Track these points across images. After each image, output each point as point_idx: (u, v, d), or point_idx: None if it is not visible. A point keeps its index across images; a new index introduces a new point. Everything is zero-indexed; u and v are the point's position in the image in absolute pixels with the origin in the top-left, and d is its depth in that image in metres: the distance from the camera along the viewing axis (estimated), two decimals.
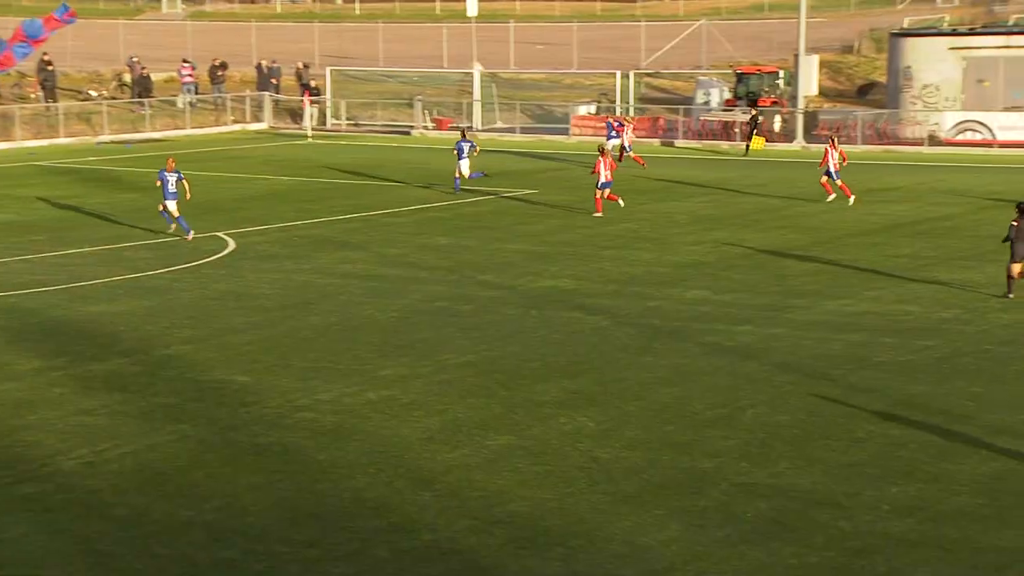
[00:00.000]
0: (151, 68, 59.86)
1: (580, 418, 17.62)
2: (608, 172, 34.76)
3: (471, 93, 59.50)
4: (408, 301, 24.66)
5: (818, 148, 51.45)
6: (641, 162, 43.80)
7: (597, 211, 34.79)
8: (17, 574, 12.90)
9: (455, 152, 39.05)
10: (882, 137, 52.38)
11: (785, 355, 20.88)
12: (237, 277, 26.92)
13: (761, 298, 25.03)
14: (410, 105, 59.50)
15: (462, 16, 70.54)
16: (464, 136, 40.04)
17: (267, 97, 60.49)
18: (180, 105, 58.96)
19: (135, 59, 60.35)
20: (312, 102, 59.09)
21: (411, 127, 58.32)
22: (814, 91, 56.92)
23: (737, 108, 54.86)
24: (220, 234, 31.84)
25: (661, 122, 56.29)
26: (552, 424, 17.38)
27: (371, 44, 72.71)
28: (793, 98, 54.41)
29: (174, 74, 61.50)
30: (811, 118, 54.19)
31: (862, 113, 54.12)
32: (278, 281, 26.52)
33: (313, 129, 57.68)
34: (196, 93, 59.94)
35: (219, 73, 60.49)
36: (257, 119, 60.08)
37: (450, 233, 32.30)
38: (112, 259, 28.72)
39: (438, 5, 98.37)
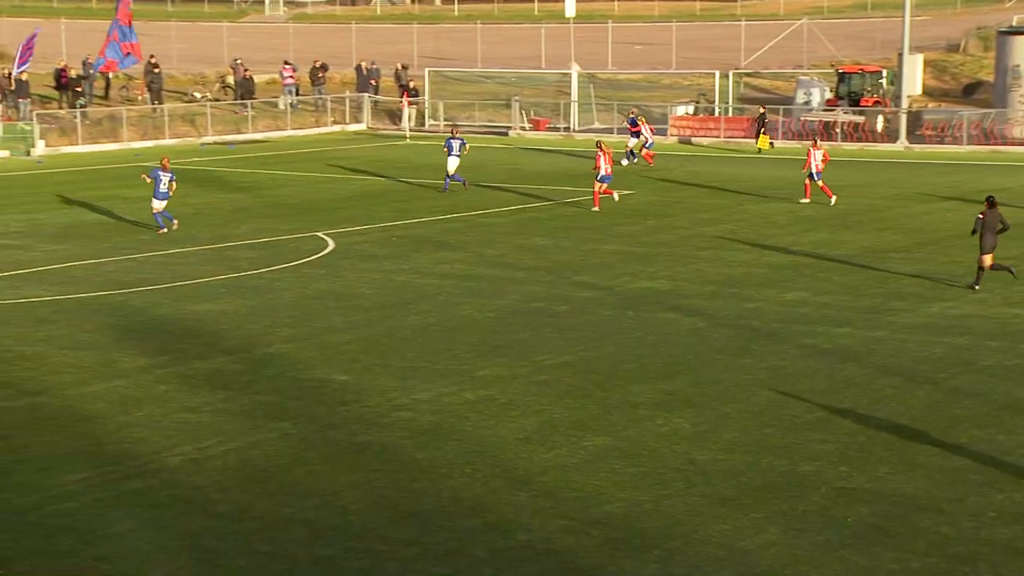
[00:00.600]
0: (254, 70, 60.68)
1: (676, 420, 17.55)
2: (608, 167, 35.63)
3: (568, 94, 59.48)
4: (506, 301, 24.74)
5: (921, 148, 50.75)
6: (649, 161, 45.49)
7: (595, 206, 35.62)
8: (125, 568, 13.17)
9: (445, 149, 39.66)
10: (989, 137, 51.43)
11: (886, 358, 20.60)
12: (337, 277, 27.20)
13: (862, 300, 24.73)
14: (507, 106, 59.64)
15: (560, 17, 70.57)
16: (454, 133, 40.58)
17: (366, 98, 61.00)
18: (281, 106, 59.68)
19: (238, 61, 61.19)
20: (410, 103, 59.48)
21: (508, 128, 58.46)
22: (918, 91, 56.08)
23: (839, 108, 54.24)
24: (320, 234, 32.19)
25: None
26: (648, 425, 17.34)
27: (469, 45, 72.99)
28: (896, 98, 53.65)
29: (276, 76, 62.29)
30: (915, 118, 53.39)
31: (968, 113, 53.20)
32: (377, 281, 26.75)
33: (411, 130, 58.05)
34: (297, 95, 60.64)
35: (320, 75, 61.13)
36: (356, 120, 60.61)
37: (547, 234, 32.33)
38: (215, 258, 29.17)
39: (536, 6, 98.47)
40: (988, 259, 25.09)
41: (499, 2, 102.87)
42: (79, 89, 53.25)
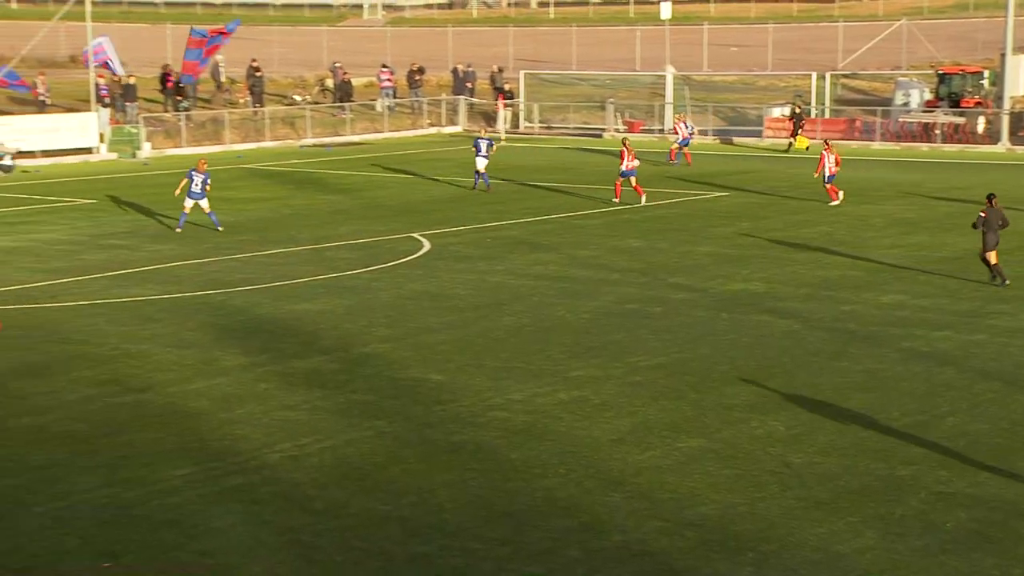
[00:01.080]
0: (352, 73, 61.20)
1: (771, 422, 17.40)
2: (633, 162, 36.69)
3: (663, 95, 59.23)
4: (600, 303, 24.70)
5: (1023, 150, 49.72)
6: (672, 157, 46.64)
7: (615, 197, 37.07)
8: (227, 562, 13.36)
9: (473, 148, 40.35)
10: None
11: (986, 362, 20.24)
12: (432, 277, 27.34)
13: (961, 303, 24.32)
14: (602, 108, 59.54)
15: (655, 19, 70.24)
16: (482, 134, 41.00)
17: (462, 101, 61.24)
18: (379, 109, 60.12)
19: (337, 65, 61.77)
20: (506, 105, 59.61)
21: (603, 129, 58.35)
22: (1021, 92, 55.01)
23: (939, 109, 53.39)
24: (416, 235, 32.38)
25: (858, 124, 55.12)
26: (743, 428, 17.20)
27: (564, 47, 72.97)
28: (999, 99, 52.66)
29: (373, 79, 62.76)
30: (1017, 119, 52.37)
31: None
32: (471, 282, 26.85)
33: (506, 132, 58.17)
34: (394, 97, 61.05)
35: (416, 78, 61.49)
36: (452, 122, 60.88)
37: (641, 235, 32.22)
38: (314, 259, 29.46)
39: (632, 8, 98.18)
40: (993, 256, 25.36)
41: (594, 5, 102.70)
42: (181, 95, 54.03)
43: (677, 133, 47.73)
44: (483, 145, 40.11)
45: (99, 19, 54.96)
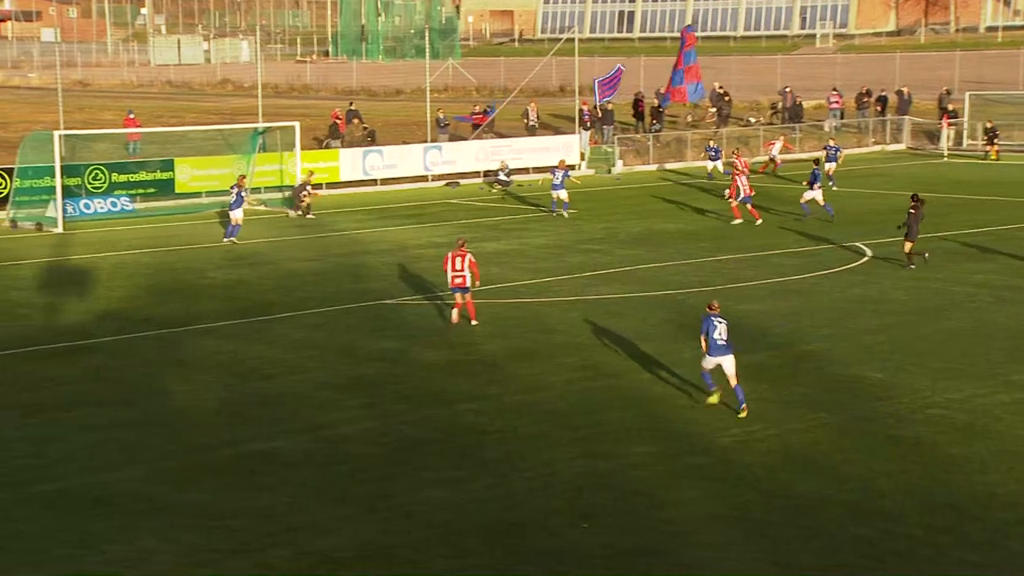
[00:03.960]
0: (802, 97, 60.24)
1: None
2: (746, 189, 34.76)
3: None
4: None
5: None
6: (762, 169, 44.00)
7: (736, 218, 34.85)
8: (686, 530, 13.55)
9: (550, 176, 37.56)
10: None
11: None
12: (873, 283, 26.51)
13: None
14: None
15: None
16: (559, 165, 37.57)
17: (907, 120, 58.87)
18: (826, 128, 58.83)
19: (788, 89, 61.01)
20: (949, 124, 56.76)
21: None
22: None
23: None
24: (860, 244, 31.48)
25: None
26: None
27: (1011, 69, 68.58)
28: None
29: (823, 102, 61.54)
30: None
31: None
32: (912, 288, 25.80)
33: (949, 150, 55.38)
34: (841, 118, 59.57)
35: (864, 100, 59.74)
36: (896, 140, 58.61)
37: None
38: (761, 264, 29.26)
39: None
40: (909, 246, 27.59)
41: None
42: (655, 119, 55.02)
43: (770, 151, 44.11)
44: (559, 175, 36.60)
45: (584, 54, 56.93)
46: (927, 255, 27.97)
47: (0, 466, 15.70)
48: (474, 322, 23.08)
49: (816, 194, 35.89)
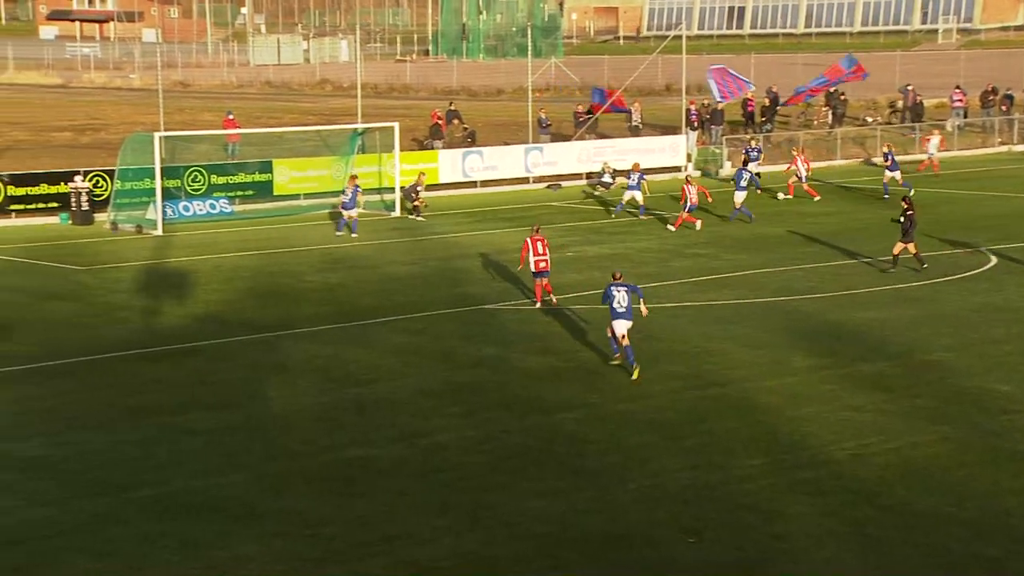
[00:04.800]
0: (923, 95, 59.12)
1: None
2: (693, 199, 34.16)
3: None
4: None
5: None
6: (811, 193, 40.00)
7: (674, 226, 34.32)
8: (797, 547, 13.41)
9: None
10: None
11: None
12: (998, 291, 25.92)
13: None
14: None
15: None
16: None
17: None
18: (948, 128, 57.66)
19: (909, 87, 59.92)
20: None
21: None
22: None
23: None
24: (983, 249, 30.80)
25: None
26: None
27: None
28: None
29: (945, 100, 60.33)
30: None
31: None
32: None
33: None
34: (964, 117, 58.31)
35: (990, 98, 58.42)
36: None
37: None
38: (876, 271, 28.78)
39: None
40: (900, 247, 28.05)
41: None
42: (765, 118, 54.43)
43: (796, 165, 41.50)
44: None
45: (692, 51, 56.59)
46: (926, 264, 28.17)
47: (106, 470, 16.11)
48: (553, 298, 24.70)
49: (739, 195, 35.93)
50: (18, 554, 13.59)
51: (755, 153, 43.86)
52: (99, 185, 37.03)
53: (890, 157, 42.63)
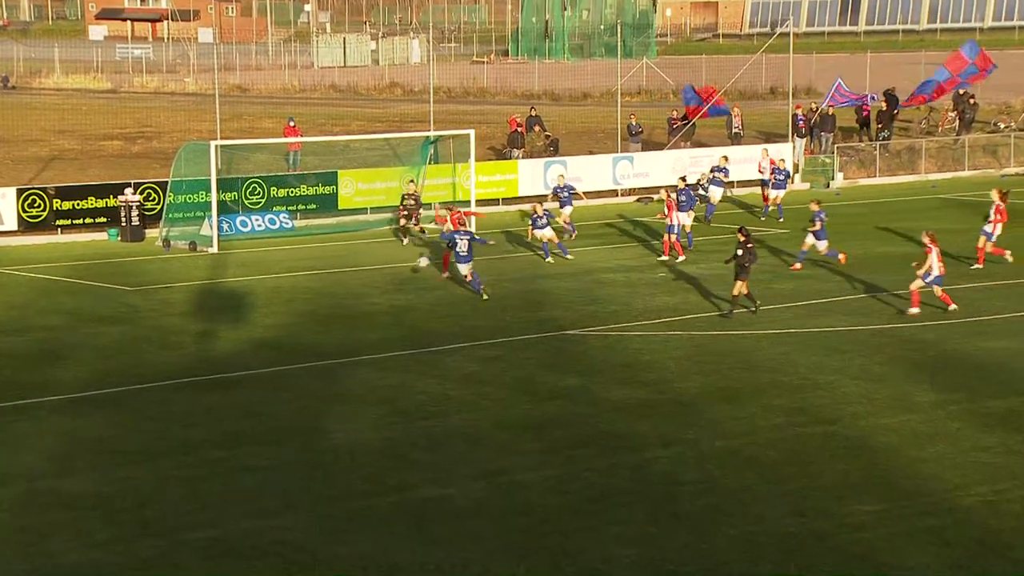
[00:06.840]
0: None
1: None
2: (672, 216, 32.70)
3: None
4: None
5: None
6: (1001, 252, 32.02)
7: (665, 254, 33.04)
8: None
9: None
10: None
11: None
12: None
13: None
14: None
15: None
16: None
17: None
18: None
19: None
20: None
21: None
22: None
23: None
24: None
25: None
26: None
27: None
28: None
29: None
30: None
31: None
32: None
33: None
34: None
35: None
36: None
37: None
38: (1012, 294, 28.31)
39: None
40: (738, 287, 26.43)
41: None
42: (881, 124, 53.85)
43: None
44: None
45: (800, 50, 56.31)
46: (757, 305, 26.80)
47: (155, 509, 16.31)
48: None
49: (686, 220, 34.12)
50: None
51: (720, 174, 39.71)
52: (150, 198, 37.62)
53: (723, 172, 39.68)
